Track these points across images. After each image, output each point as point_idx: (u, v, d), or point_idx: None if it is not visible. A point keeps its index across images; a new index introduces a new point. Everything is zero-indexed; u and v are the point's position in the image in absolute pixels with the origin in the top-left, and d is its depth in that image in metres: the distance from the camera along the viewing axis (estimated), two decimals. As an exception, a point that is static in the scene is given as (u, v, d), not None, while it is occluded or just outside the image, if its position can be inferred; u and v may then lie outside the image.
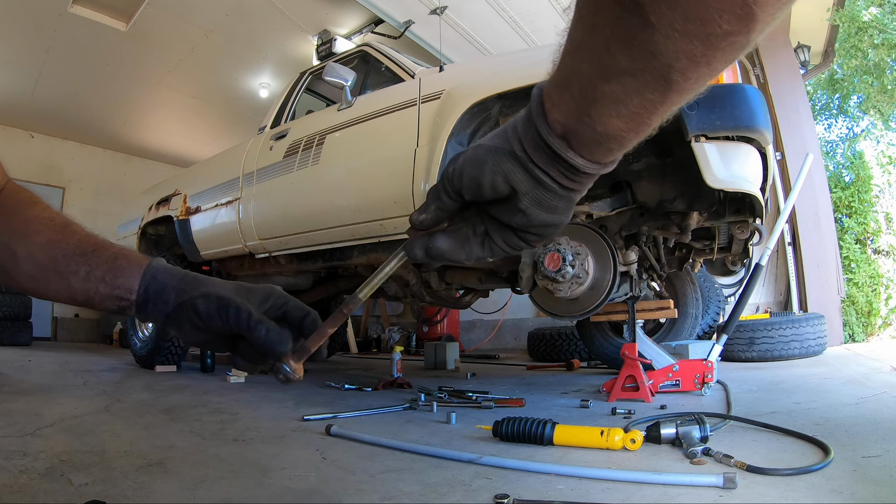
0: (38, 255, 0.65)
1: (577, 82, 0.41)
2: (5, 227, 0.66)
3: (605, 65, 0.38)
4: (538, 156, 0.46)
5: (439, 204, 0.54)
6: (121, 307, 0.65)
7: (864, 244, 5.82)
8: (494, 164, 0.49)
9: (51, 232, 0.66)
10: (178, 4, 5.08)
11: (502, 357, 5.33)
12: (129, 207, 4.60)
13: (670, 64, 0.35)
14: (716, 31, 0.32)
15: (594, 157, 0.45)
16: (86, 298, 0.65)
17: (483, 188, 0.49)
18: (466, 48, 5.15)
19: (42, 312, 7.12)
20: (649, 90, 0.38)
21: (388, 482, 1.14)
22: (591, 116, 0.42)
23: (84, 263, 0.65)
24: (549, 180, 0.47)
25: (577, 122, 0.43)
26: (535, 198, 0.48)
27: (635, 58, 0.36)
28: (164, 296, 0.64)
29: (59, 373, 3.37)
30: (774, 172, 3.18)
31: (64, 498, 1.02)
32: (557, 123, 0.45)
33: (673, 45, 0.34)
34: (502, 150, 0.49)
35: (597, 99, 0.40)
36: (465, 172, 0.51)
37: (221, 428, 1.73)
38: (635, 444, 1.32)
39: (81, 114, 7.26)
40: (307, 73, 3.62)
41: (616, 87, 0.39)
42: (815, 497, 0.95)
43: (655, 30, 0.34)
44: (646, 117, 0.41)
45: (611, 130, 0.42)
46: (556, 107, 0.44)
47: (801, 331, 3.57)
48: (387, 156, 2.47)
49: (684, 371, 2.28)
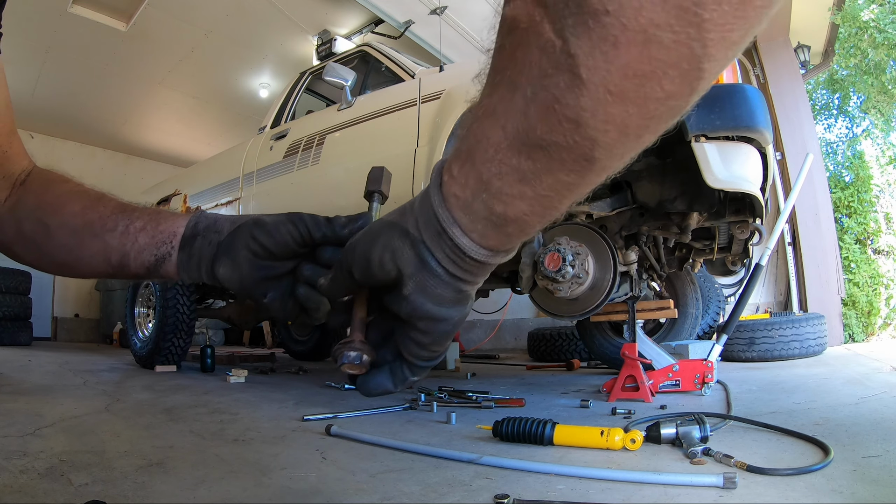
0: (72, 223, 0.63)
1: (482, 151, 0.36)
2: (36, 205, 0.66)
3: (518, 132, 0.33)
4: (427, 233, 0.41)
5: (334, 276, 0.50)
6: (159, 257, 0.60)
7: (864, 244, 5.82)
8: (386, 240, 0.44)
9: (86, 200, 0.65)
10: (178, 4, 5.08)
11: (502, 357, 5.32)
12: (129, 207, 4.60)
13: (595, 137, 0.31)
14: (655, 93, 0.28)
15: (487, 241, 0.40)
16: (121, 256, 0.61)
17: (371, 265, 0.44)
18: (466, 48, 5.15)
19: (42, 312, 7.12)
20: (565, 170, 0.33)
21: (388, 482, 1.14)
22: (489, 192, 0.36)
23: (124, 219, 0.62)
24: (434, 262, 0.42)
25: (474, 198, 0.38)
26: (418, 282, 0.43)
27: (555, 127, 0.31)
28: (218, 225, 0.59)
29: (59, 373, 3.37)
30: (774, 172, 3.18)
31: (64, 498, 1.02)
32: (453, 197, 0.39)
33: (602, 112, 0.29)
34: (397, 225, 0.44)
35: (501, 173, 0.35)
36: (357, 247, 0.46)
37: (221, 428, 1.73)
38: (635, 444, 1.32)
39: (81, 114, 7.26)
40: (307, 73, 3.62)
41: (526, 162, 0.34)
42: (815, 497, 0.95)
43: (585, 89, 0.29)
44: (556, 201, 0.36)
45: (511, 213, 0.37)
46: (455, 179, 0.39)
47: (801, 331, 3.57)
48: (387, 156, 2.47)
49: (684, 371, 2.28)
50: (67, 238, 0.63)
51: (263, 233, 0.55)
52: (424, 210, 0.41)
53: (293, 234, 0.55)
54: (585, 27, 0.28)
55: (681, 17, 0.26)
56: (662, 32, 0.26)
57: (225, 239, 0.57)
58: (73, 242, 0.63)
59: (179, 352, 3.62)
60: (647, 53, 0.27)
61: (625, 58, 0.27)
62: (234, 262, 0.56)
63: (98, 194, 0.67)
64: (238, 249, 0.56)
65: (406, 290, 0.43)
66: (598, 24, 0.27)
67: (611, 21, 0.27)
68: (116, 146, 8.45)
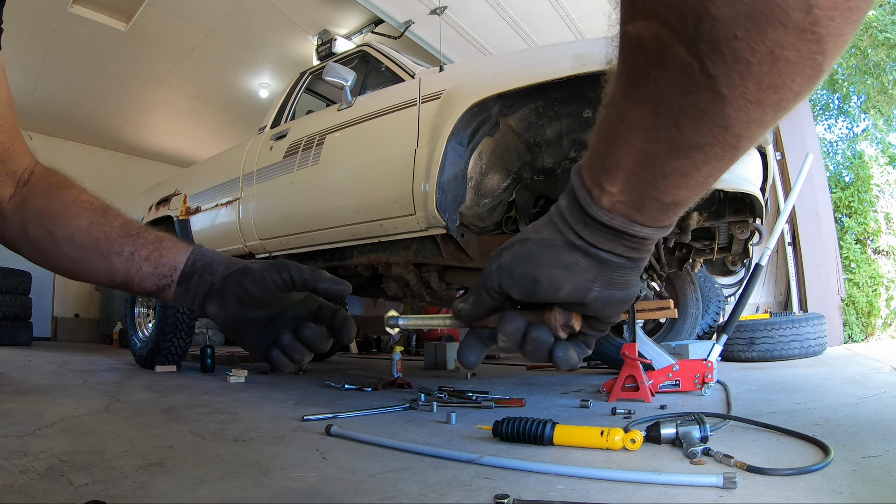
0: (78, 238, 0.66)
1: (643, 161, 0.40)
2: (42, 211, 0.68)
3: (673, 142, 0.37)
4: (598, 238, 0.45)
5: (478, 299, 0.52)
6: (160, 286, 0.66)
7: (864, 244, 5.82)
8: (550, 258, 0.47)
9: (91, 215, 0.68)
10: (178, 4, 5.08)
11: (502, 357, 5.32)
12: (129, 207, 4.60)
13: (741, 133, 0.35)
14: (786, 95, 0.32)
15: (659, 223, 0.45)
16: (125, 278, 0.66)
17: (539, 284, 0.47)
18: (466, 48, 5.15)
19: (42, 312, 7.12)
20: (717, 159, 0.38)
21: (388, 482, 1.14)
22: (658, 191, 0.41)
23: (129, 244, 0.66)
24: (617, 258, 0.46)
25: (643, 198, 0.43)
26: (605, 280, 0.47)
27: (705, 133, 0.35)
28: (213, 267, 0.65)
29: (59, 373, 3.37)
30: (774, 172, 3.18)
31: (64, 498, 1.02)
32: (619, 203, 0.44)
33: (745, 116, 0.33)
34: (554, 242, 0.47)
35: (665, 174, 0.40)
36: (515, 270, 0.48)
37: (221, 428, 1.73)
38: (635, 444, 1.32)
39: (81, 114, 7.26)
40: (307, 73, 3.62)
41: (685, 161, 0.38)
42: (815, 497, 0.95)
43: (728, 102, 0.33)
44: (711, 181, 0.41)
45: (678, 199, 0.42)
46: (614, 189, 0.43)
47: (801, 331, 3.57)
48: (387, 156, 2.46)
49: (684, 371, 2.28)
50: (73, 251, 0.67)
51: (250, 280, 0.62)
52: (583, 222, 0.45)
53: (276, 281, 0.62)
54: (720, 52, 0.31)
55: (801, 37, 0.29)
56: (787, 51, 0.30)
57: (217, 282, 0.64)
58: (79, 256, 0.67)
59: (179, 352, 3.62)
60: (776, 69, 0.30)
61: (757, 75, 0.31)
62: (221, 304, 0.63)
63: (102, 207, 0.70)
64: (227, 293, 0.63)
65: (592, 293, 0.47)
66: (730, 49, 0.30)
67: (741, 45, 0.30)
68: (116, 146, 8.45)
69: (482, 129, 2.27)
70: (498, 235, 2.50)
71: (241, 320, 0.64)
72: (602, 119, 0.43)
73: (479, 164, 2.34)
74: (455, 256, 2.43)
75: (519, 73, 2.14)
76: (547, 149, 2.33)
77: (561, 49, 2.16)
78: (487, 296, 0.51)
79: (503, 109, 2.24)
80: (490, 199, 2.42)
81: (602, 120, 0.43)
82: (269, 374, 3.54)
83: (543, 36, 5.03)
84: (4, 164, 0.68)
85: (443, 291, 2.83)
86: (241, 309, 0.63)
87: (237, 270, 0.64)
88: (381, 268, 2.85)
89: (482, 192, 2.39)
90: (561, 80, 1.99)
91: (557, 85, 2.04)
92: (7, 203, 0.69)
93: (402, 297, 3.11)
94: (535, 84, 2.05)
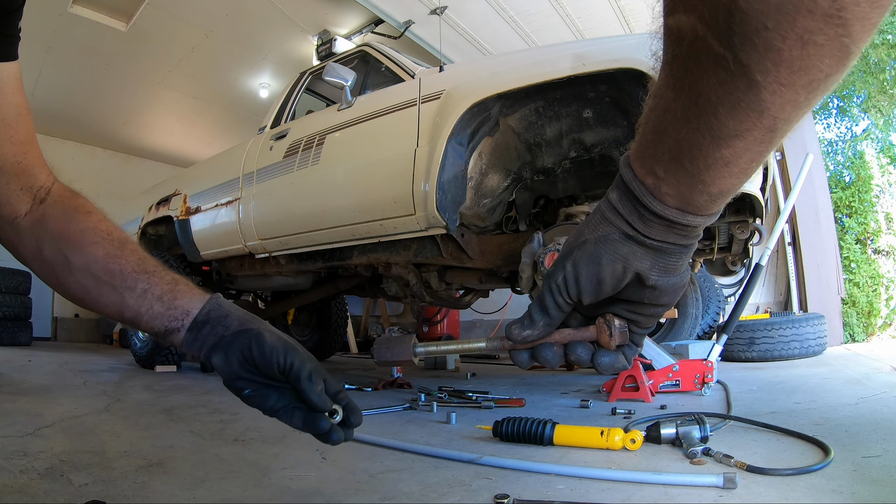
0: (93, 268, 0.65)
1: (687, 153, 0.41)
2: (60, 234, 0.67)
3: (714, 132, 0.38)
4: (651, 230, 0.47)
5: (548, 320, 0.53)
6: (168, 329, 0.65)
7: (864, 244, 5.82)
8: (610, 254, 0.49)
9: (109, 246, 0.67)
10: (178, 4, 5.08)
11: (502, 357, 5.32)
12: (129, 207, 4.60)
13: (776, 116, 0.36)
14: (817, 77, 0.33)
15: (709, 212, 0.46)
16: (134, 315, 0.65)
17: (604, 283, 0.49)
18: (466, 48, 5.15)
19: (42, 312, 7.11)
20: (757, 145, 0.39)
21: (387, 482, 1.14)
22: (704, 183, 0.42)
23: (143, 281, 0.65)
24: (671, 246, 0.48)
25: (692, 190, 0.44)
26: (661, 267, 0.49)
27: (743, 119, 0.37)
28: (228, 321, 0.65)
29: (59, 373, 3.37)
30: (774, 172, 3.18)
31: (64, 498, 1.02)
32: (669, 196, 0.45)
33: (779, 99, 0.35)
34: (610, 236, 0.49)
35: (709, 166, 0.41)
36: (580, 275, 0.50)
37: (221, 428, 1.73)
38: (635, 444, 1.32)
39: (81, 114, 7.26)
40: (307, 73, 3.62)
41: (727, 150, 0.39)
42: (815, 497, 0.95)
43: (762, 87, 0.34)
44: (754, 167, 0.42)
45: (724, 188, 0.43)
46: (664, 180, 0.45)
47: (801, 331, 3.57)
48: (387, 156, 2.46)
49: (684, 371, 2.28)
50: (87, 280, 0.66)
51: (258, 348, 0.63)
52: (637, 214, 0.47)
53: (279, 364, 0.63)
54: (751, 42, 0.32)
55: (828, 21, 0.30)
56: (815, 36, 0.31)
57: (229, 336, 0.64)
58: (92, 286, 0.66)
59: (179, 352, 3.62)
60: (805, 53, 0.32)
61: (788, 60, 0.32)
62: (227, 358, 0.64)
63: (121, 240, 0.69)
64: (234, 350, 0.64)
65: (651, 280, 0.49)
66: (761, 39, 0.32)
67: (772, 35, 0.31)
68: (116, 146, 8.45)
69: (482, 129, 2.27)
70: (498, 235, 2.50)
71: (242, 377, 0.65)
72: (649, 109, 0.44)
73: (479, 164, 2.34)
74: (455, 256, 2.43)
75: (519, 73, 2.14)
76: (547, 149, 2.33)
77: (561, 49, 2.16)
78: (557, 310, 0.52)
79: (503, 109, 2.24)
80: (490, 199, 2.42)
81: (649, 110, 0.44)
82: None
83: (543, 36, 5.03)
84: (19, 178, 0.67)
85: (443, 291, 2.83)
86: (244, 367, 0.64)
87: (251, 331, 0.64)
88: (381, 268, 2.85)
89: (482, 192, 2.39)
90: (561, 80, 1.99)
91: (557, 85, 2.04)
92: (23, 218, 0.68)
93: (402, 297, 3.11)
94: (534, 84, 2.05)
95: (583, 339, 0.54)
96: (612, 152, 2.21)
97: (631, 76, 1.87)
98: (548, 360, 0.54)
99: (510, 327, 0.55)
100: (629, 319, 0.54)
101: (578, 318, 0.56)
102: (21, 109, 0.67)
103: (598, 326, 0.53)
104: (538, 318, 0.53)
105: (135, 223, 4.25)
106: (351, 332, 6.46)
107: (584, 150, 2.26)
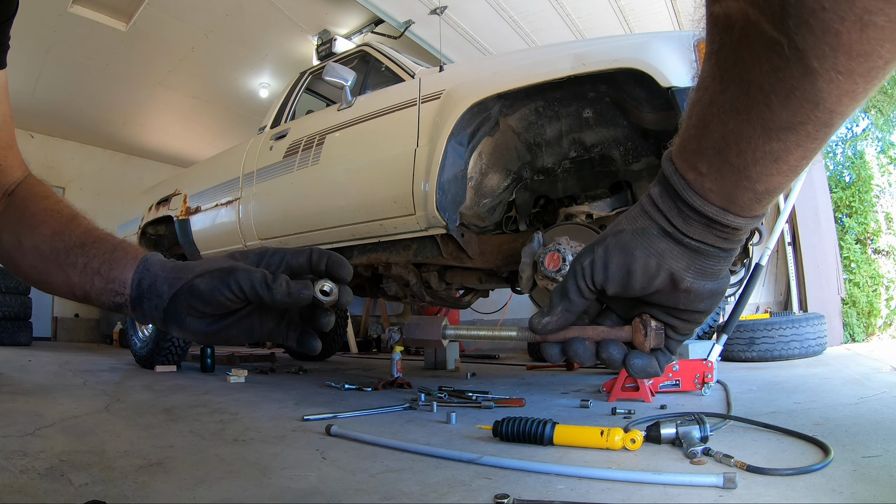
0: (42, 247, 0.62)
1: (734, 146, 0.39)
2: (17, 219, 0.65)
3: (765, 123, 0.36)
4: (691, 228, 0.45)
5: (567, 305, 0.51)
6: (116, 303, 0.59)
7: (864, 244, 5.81)
8: (645, 248, 0.46)
9: (56, 223, 0.64)
10: (178, 4, 5.09)
11: (502, 357, 5.33)
12: (129, 207, 4.61)
13: (832, 108, 0.34)
14: (876, 64, 0.31)
15: (753, 213, 0.43)
16: (83, 293, 0.60)
17: (633, 275, 0.47)
18: (466, 48, 5.15)
19: (42, 312, 7.12)
20: (810, 140, 0.36)
21: (387, 482, 1.14)
22: (750, 179, 0.40)
23: (82, 255, 0.60)
24: (709, 248, 0.45)
25: (736, 187, 0.41)
26: (698, 269, 0.46)
27: (797, 110, 0.35)
28: (157, 288, 0.57)
29: (59, 373, 3.37)
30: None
31: (64, 498, 1.02)
32: (712, 192, 0.43)
33: (836, 89, 0.33)
34: (648, 230, 0.47)
35: (757, 160, 0.39)
36: (610, 262, 0.48)
37: (221, 428, 1.73)
38: (635, 444, 1.32)
39: (81, 114, 7.26)
40: (307, 73, 3.62)
41: (777, 144, 0.37)
42: (815, 497, 0.95)
43: (818, 75, 0.32)
44: (804, 165, 0.39)
45: (771, 187, 0.41)
46: (707, 176, 0.42)
47: (801, 331, 3.57)
48: (387, 156, 2.46)
49: (684, 371, 2.28)
50: (38, 261, 0.62)
51: (200, 301, 0.56)
52: (677, 210, 0.45)
53: (229, 298, 0.55)
54: (807, 24, 0.30)
55: (889, 1, 0.28)
56: (875, 17, 0.29)
57: (167, 306, 0.57)
58: (42, 268, 0.62)
59: (179, 352, 3.62)
60: (865, 36, 0.30)
61: (847, 44, 0.30)
62: (182, 327, 0.58)
63: (70, 215, 0.65)
64: (182, 316, 0.57)
65: (685, 282, 0.46)
66: (818, 21, 0.30)
67: (829, 16, 0.30)
68: (116, 146, 8.45)
69: (482, 129, 2.27)
70: (498, 235, 2.50)
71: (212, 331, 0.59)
72: (693, 103, 0.42)
73: (479, 164, 2.34)
74: (455, 256, 2.43)
75: (519, 73, 2.14)
76: (547, 149, 2.33)
77: (561, 49, 2.16)
78: (579, 296, 0.50)
79: (503, 109, 2.24)
80: (490, 198, 2.42)
81: (693, 104, 0.42)
82: (269, 374, 3.54)
83: (543, 36, 5.03)
84: None
85: (443, 291, 2.83)
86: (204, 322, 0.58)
87: (181, 290, 0.57)
88: (381, 268, 2.85)
89: (482, 192, 2.39)
90: (561, 80, 1.99)
91: (557, 85, 2.04)
92: None
93: (402, 297, 3.11)
94: (534, 84, 2.05)
95: (617, 337, 0.52)
96: (611, 152, 2.21)
97: (631, 76, 1.87)
98: (579, 355, 0.52)
99: (533, 317, 0.53)
100: (666, 323, 0.51)
101: (614, 318, 0.54)
102: (6, 118, 0.66)
103: (634, 326, 0.51)
104: (557, 302, 0.51)
105: (135, 223, 4.25)
106: (351, 332, 6.46)
107: (584, 150, 2.26)
